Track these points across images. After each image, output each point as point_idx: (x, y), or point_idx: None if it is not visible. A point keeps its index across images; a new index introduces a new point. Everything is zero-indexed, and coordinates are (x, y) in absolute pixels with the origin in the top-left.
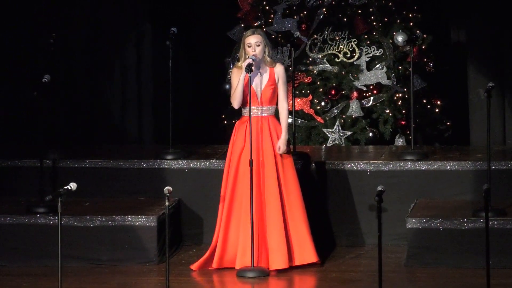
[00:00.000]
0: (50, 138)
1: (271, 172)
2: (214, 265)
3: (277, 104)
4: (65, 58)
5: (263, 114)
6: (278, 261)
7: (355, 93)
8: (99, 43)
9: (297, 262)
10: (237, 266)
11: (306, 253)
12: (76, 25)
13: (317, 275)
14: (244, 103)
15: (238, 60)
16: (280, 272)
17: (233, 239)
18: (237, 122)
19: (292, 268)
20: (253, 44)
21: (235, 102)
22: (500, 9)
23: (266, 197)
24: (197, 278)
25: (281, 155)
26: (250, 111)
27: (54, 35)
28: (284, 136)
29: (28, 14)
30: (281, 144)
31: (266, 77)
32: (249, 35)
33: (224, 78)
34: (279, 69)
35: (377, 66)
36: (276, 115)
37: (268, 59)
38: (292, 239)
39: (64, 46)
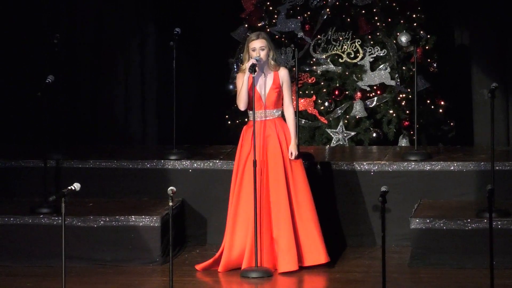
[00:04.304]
0: (54, 138)
1: (280, 174)
2: (221, 268)
3: (282, 106)
4: (69, 59)
5: (267, 118)
6: (288, 263)
7: (358, 94)
8: (103, 43)
9: (308, 263)
10: (243, 267)
11: (316, 253)
12: (80, 26)
13: (321, 275)
14: (251, 106)
15: (242, 63)
16: (285, 272)
17: (239, 243)
18: (244, 127)
19: (299, 269)
20: (258, 48)
21: (241, 104)
22: (504, 9)
23: (274, 199)
24: (200, 279)
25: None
26: (253, 112)
27: (58, 35)
28: (294, 141)
29: (32, 14)
30: (292, 149)
31: (270, 80)
32: (253, 40)
33: (227, 78)
34: (283, 73)
35: (381, 66)
36: (282, 118)
37: (272, 62)
38: (302, 239)
39: (68, 47)
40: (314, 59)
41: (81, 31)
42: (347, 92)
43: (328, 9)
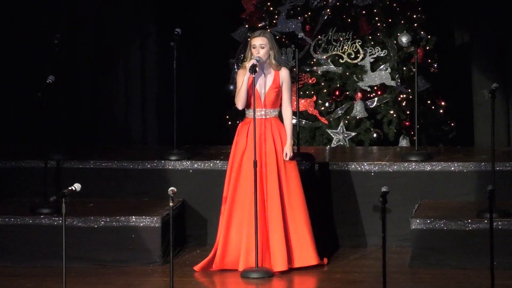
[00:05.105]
0: (54, 139)
1: (273, 174)
2: (215, 266)
3: (280, 107)
4: (69, 59)
5: (266, 116)
6: (278, 263)
7: (359, 94)
8: (103, 44)
9: (298, 264)
10: (241, 268)
11: (306, 255)
12: (81, 26)
13: (321, 276)
14: (248, 104)
15: (244, 60)
16: (284, 273)
17: (235, 240)
18: (240, 124)
19: (296, 270)
20: (258, 46)
21: (239, 103)
22: (504, 9)
23: (268, 199)
24: (201, 279)
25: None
26: (254, 112)
27: (58, 35)
28: (289, 141)
29: (32, 14)
30: (287, 150)
31: (270, 79)
32: (255, 37)
33: (228, 79)
34: (284, 73)
35: (381, 67)
36: (280, 118)
37: (274, 61)
38: (292, 241)
39: (69, 47)
40: (314, 60)
41: (81, 31)
42: (347, 93)
43: (328, 10)
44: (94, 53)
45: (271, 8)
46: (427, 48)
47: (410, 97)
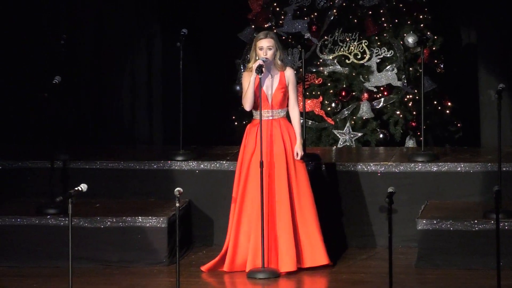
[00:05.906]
0: (61, 139)
1: (282, 175)
2: (226, 268)
3: (287, 107)
4: (69, 59)
5: (274, 117)
6: (287, 264)
7: (365, 95)
8: (109, 44)
9: (308, 264)
10: (248, 269)
11: (317, 255)
12: (81, 26)
13: (327, 276)
14: (256, 105)
15: (249, 62)
16: (290, 273)
17: (244, 242)
18: (248, 125)
19: (302, 270)
20: (265, 47)
21: (247, 105)
22: (510, 10)
23: (277, 200)
24: (207, 280)
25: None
26: (260, 112)
27: (65, 36)
28: (299, 141)
29: (32, 14)
30: (298, 149)
31: (276, 80)
32: (261, 38)
33: (234, 79)
34: (289, 73)
35: (388, 67)
36: (287, 118)
37: (279, 62)
38: (302, 241)
39: (69, 47)
40: (321, 60)
41: (81, 31)
42: (354, 93)
43: (335, 10)
44: (94, 53)
45: (277, 9)
46: (434, 48)
47: (417, 97)
